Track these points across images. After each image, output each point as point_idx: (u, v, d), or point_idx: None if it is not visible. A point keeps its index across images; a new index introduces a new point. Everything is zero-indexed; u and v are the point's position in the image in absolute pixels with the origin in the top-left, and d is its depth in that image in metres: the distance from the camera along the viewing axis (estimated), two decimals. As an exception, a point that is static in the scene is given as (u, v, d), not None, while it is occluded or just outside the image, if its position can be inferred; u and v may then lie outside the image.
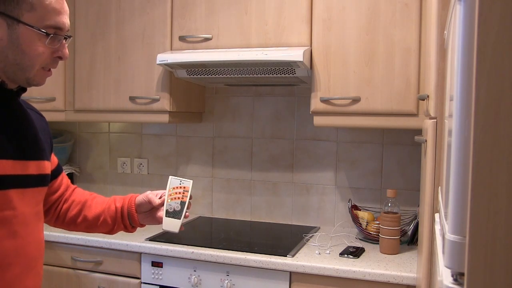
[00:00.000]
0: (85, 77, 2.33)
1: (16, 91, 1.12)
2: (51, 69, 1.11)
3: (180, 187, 1.34)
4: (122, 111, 2.27)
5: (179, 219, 1.31)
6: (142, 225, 1.40)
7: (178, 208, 1.32)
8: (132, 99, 2.23)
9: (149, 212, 1.38)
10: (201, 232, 2.27)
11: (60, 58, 1.10)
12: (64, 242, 2.08)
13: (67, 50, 1.11)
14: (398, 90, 1.86)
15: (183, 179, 1.35)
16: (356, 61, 1.90)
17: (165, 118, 2.20)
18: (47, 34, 1.04)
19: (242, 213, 2.48)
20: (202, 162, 2.55)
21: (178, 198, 1.33)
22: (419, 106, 1.83)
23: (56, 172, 1.35)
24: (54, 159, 1.33)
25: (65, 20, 1.08)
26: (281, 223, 2.40)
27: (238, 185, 2.49)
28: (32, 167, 1.13)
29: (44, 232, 2.07)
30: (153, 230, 2.14)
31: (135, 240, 1.99)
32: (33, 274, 1.13)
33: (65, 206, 1.37)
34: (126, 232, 1.40)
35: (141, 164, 2.66)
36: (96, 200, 1.40)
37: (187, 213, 1.32)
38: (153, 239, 2.02)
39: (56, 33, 1.06)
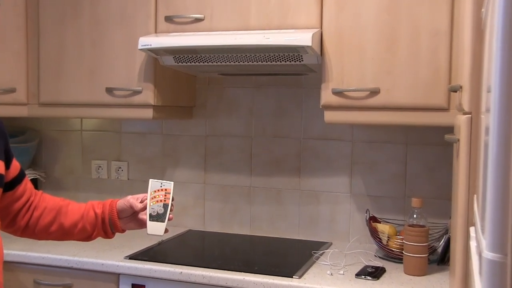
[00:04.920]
0: (52, 64, 2.33)
1: None
2: None
3: (162, 190, 1.50)
4: (97, 105, 2.27)
5: (163, 222, 1.47)
6: (123, 231, 1.55)
7: (161, 211, 1.48)
8: (109, 90, 2.23)
9: (131, 217, 1.53)
10: (191, 248, 2.27)
11: None
12: (24, 262, 2.07)
13: None
14: (424, 80, 1.85)
15: (164, 181, 1.51)
16: (375, 46, 1.90)
17: (148, 113, 2.20)
18: None
19: (239, 225, 2.49)
20: (193, 165, 2.55)
21: (161, 200, 1.49)
22: (450, 99, 1.83)
23: (19, 178, 1.42)
24: (16, 163, 1.41)
25: None
26: (286, 237, 2.40)
27: (235, 193, 2.49)
28: None
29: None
30: (133, 246, 2.14)
31: (112, 259, 1.99)
32: None
33: (35, 213, 1.46)
34: (105, 238, 1.54)
35: (120, 168, 2.66)
36: (71, 206, 1.50)
37: (170, 215, 1.48)
38: (133, 257, 2.01)
39: None
